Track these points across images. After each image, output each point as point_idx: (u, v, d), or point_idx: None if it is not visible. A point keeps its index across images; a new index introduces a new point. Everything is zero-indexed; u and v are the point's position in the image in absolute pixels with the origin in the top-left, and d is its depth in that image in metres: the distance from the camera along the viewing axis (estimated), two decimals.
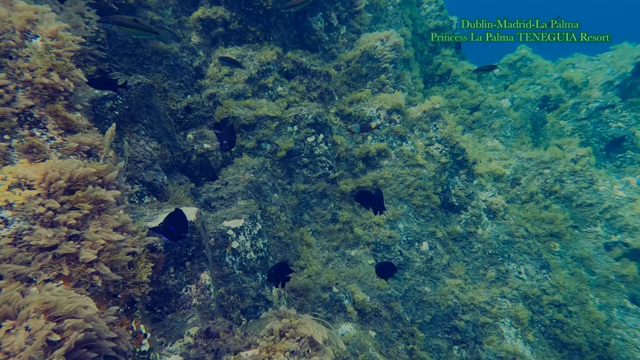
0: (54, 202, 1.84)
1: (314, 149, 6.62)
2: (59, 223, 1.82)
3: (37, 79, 2.20)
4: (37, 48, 2.30)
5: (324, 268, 5.88)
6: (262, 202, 5.60)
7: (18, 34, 2.30)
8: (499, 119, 10.06)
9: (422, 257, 6.83)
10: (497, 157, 9.17)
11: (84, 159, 2.30)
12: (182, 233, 3.14)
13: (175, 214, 3.10)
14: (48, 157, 2.09)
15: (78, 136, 2.33)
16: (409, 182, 7.21)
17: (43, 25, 2.42)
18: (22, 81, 2.18)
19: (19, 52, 2.27)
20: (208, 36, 7.22)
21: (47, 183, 1.85)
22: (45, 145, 2.15)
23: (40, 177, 1.87)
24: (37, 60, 2.25)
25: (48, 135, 2.21)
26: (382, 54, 7.55)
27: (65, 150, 2.21)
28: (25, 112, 2.16)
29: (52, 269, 1.72)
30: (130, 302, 2.02)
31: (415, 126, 7.71)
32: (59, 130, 2.26)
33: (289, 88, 7.12)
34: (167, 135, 5.22)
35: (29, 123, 2.17)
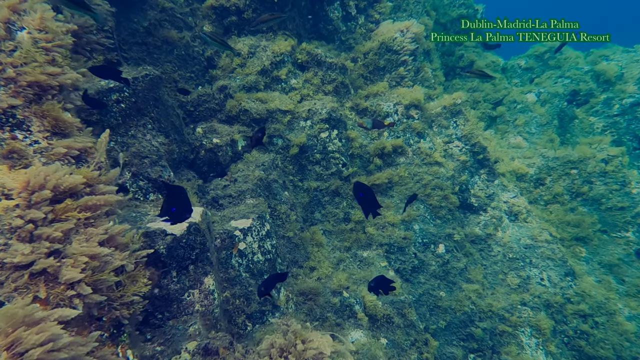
0: (35, 212, 1.67)
1: (327, 145, 6.35)
2: (40, 237, 1.65)
3: (22, 76, 2.02)
4: (23, 42, 2.11)
5: (335, 270, 5.66)
6: (272, 200, 5.40)
7: (1, 26, 2.11)
8: (523, 114, 9.54)
9: (437, 260, 6.53)
10: (520, 155, 8.70)
11: (71, 164, 2.11)
12: (187, 214, 2.57)
13: (173, 194, 2.52)
14: (30, 164, 1.91)
15: (66, 140, 2.14)
16: (426, 181, 6.87)
17: (30, 16, 2.22)
18: (4, 78, 2.00)
19: (2, 46, 2.09)
20: (221, 25, 6.97)
21: (28, 193, 1.67)
22: (27, 149, 1.97)
23: (21, 185, 1.70)
24: (21, 55, 2.06)
25: (32, 139, 2.03)
26: (401, 46, 7.16)
27: (51, 155, 2.03)
28: (7, 112, 1.99)
29: (27, 291, 1.55)
30: (117, 325, 1.85)
31: (434, 122, 7.33)
32: (45, 133, 2.08)
33: (303, 80, 6.84)
34: (174, 130, 5.05)
35: (11, 125, 1.99)
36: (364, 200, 3.39)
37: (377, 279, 3.55)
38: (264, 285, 3.53)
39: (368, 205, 3.34)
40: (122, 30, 5.87)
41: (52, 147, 2.05)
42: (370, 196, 3.38)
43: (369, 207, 3.32)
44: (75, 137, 2.19)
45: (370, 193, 3.41)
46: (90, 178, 1.97)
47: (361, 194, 3.47)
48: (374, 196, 3.40)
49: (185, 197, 2.57)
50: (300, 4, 7.16)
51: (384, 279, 3.53)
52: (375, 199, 3.33)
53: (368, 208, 3.33)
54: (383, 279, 3.52)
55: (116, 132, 4.28)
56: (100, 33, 4.86)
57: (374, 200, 3.34)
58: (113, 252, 1.85)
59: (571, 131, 9.67)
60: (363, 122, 5.85)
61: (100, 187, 2.01)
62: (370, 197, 3.37)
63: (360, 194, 3.49)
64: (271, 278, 3.59)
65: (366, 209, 3.36)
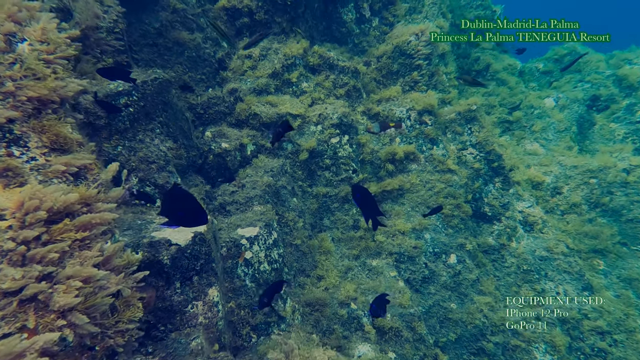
0: (28, 233, 1.59)
1: (337, 150, 6.23)
2: (33, 260, 1.57)
3: (21, 90, 1.95)
4: (23, 54, 2.04)
5: (343, 280, 5.54)
6: (280, 207, 5.30)
7: (2, 37, 2.05)
8: (540, 120, 9.24)
9: (449, 270, 6.35)
10: (537, 163, 8.43)
11: (70, 182, 2.04)
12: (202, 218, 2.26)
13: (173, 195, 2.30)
14: (26, 182, 1.84)
15: (64, 157, 2.06)
16: (439, 189, 6.69)
17: (32, 27, 2.15)
18: (2, 92, 1.93)
19: (1, 58, 2.02)
20: (233, 26, 6.89)
21: (22, 213, 1.60)
22: (24, 167, 1.89)
23: (15, 206, 1.63)
24: (21, 68, 1.99)
25: (29, 155, 1.96)
26: (415, 50, 6.98)
27: (48, 173, 1.95)
28: (4, 127, 1.92)
29: (15, 319, 1.48)
30: (111, 355, 1.77)
31: (448, 128, 7.13)
32: (43, 149, 2.00)
33: (315, 84, 6.72)
34: (183, 134, 4.99)
35: (8, 141, 1.92)
36: (363, 204, 3.21)
37: (377, 300, 3.36)
38: (266, 297, 3.42)
39: (369, 211, 3.14)
40: (134, 32, 5.83)
41: (49, 164, 1.97)
42: (371, 201, 3.19)
43: (370, 213, 3.12)
44: (75, 153, 2.11)
45: (369, 197, 3.23)
46: (88, 197, 1.89)
47: (358, 195, 3.26)
48: (374, 201, 3.21)
49: (189, 198, 2.28)
50: (313, 6, 7.04)
51: (382, 298, 3.34)
52: (376, 205, 3.14)
53: (369, 214, 3.13)
54: (382, 300, 3.34)
55: (124, 137, 4.23)
56: (110, 35, 4.82)
57: (375, 206, 3.15)
58: (108, 276, 1.77)
59: (590, 138, 9.34)
60: (372, 127, 5.71)
61: (98, 205, 1.93)
62: (371, 203, 3.18)
63: (357, 195, 3.28)
64: (271, 288, 3.48)
65: (367, 214, 3.16)
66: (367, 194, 3.26)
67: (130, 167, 4.13)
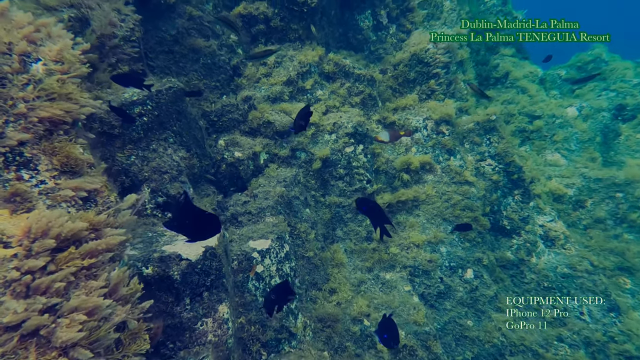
0: (33, 262, 1.52)
1: (351, 160, 6.10)
2: (37, 291, 1.50)
3: (33, 111, 1.89)
4: (37, 74, 1.99)
5: (355, 294, 5.39)
6: (292, 218, 5.20)
7: (16, 58, 2.00)
8: (562, 129, 8.92)
9: (465, 286, 6.13)
10: (558, 174, 8.12)
11: (79, 207, 1.97)
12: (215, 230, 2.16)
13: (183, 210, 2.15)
14: (34, 207, 1.78)
15: (74, 181, 1.99)
16: (455, 201, 6.49)
17: (47, 46, 2.10)
18: (14, 114, 1.88)
19: (15, 79, 1.97)
20: (248, 33, 6.85)
21: (29, 241, 1.53)
22: (32, 191, 1.83)
23: (21, 233, 1.56)
24: (34, 89, 1.93)
25: (38, 179, 1.90)
26: (433, 58, 6.80)
27: (57, 197, 1.89)
28: (15, 150, 1.86)
29: (15, 357, 1.41)
30: None
31: (465, 139, 6.92)
32: (53, 172, 1.94)
33: (329, 92, 6.62)
34: (196, 143, 4.94)
35: (17, 164, 1.86)
36: (371, 214, 3.16)
37: (385, 325, 3.11)
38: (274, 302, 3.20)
39: (378, 220, 3.07)
40: (150, 39, 5.84)
41: (59, 187, 1.91)
42: (378, 211, 3.12)
43: (379, 221, 3.05)
44: (85, 176, 2.04)
45: (377, 207, 3.16)
46: (97, 223, 1.81)
47: (365, 208, 3.17)
48: (382, 210, 3.12)
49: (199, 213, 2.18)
50: (329, 13, 6.95)
51: (390, 323, 3.14)
52: (384, 214, 3.06)
53: (377, 222, 3.06)
54: (390, 325, 3.13)
55: (137, 146, 4.19)
56: (127, 43, 4.81)
57: (383, 215, 3.08)
58: (114, 306, 1.69)
59: (616, 149, 8.96)
60: (379, 136, 5.54)
61: (106, 231, 1.86)
62: (378, 212, 3.12)
63: (364, 208, 3.19)
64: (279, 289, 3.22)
65: (375, 222, 3.09)
66: (374, 204, 3.21)
67: (143, 177, 4.09)
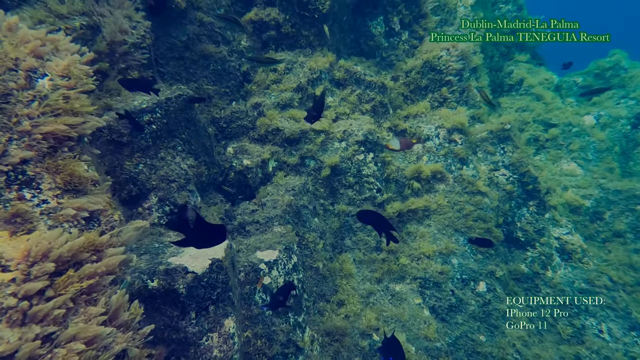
0: (30, 286, 1.46)
1: (361, 168, 5.99)
2: (34, 319, 1.43)
3: (37, 128, 1.84)
4: (43, 90, 1.94)
5: (364, 306, 5.27)
6: (301, 228, 5.11)
7: (22, 74, 1.96)
8: (579, 138, 8.68)
9: (478, 299, 5.96)
10: (574, 185, 7.89)
11: (82, 227, 1.90)
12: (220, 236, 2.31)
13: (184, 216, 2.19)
14: (35, 228, 1.72)
15: (77, 200, 1.93)
16: (468, 212, 6.33)
17: (54, 61, 2.05)
18: (18, 131, 1.83)
19: (21, 95, 1.93)
20: (259, 39, 6.82)
21: (27, 265, 1.47)
22: (34, 211, 1.78)
23: (21, 255, 1.50)
24: (40, 105, 1.88)
25: (40, 198, 1.84)
26: (446, 65, 6.68)
27: (59, 217, 1.83)
28: (17, 168, 1.81)
29: None
30: None
31: (479, 148, 6.77)
32: (56, 191, 1.88)
33: (340, 99, 6.54)
34: (204, 151, 4.90)
35: (20, 183, 1.81)
36: (374, 222, 3.22)
37: (390, 345, 3.00)
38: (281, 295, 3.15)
39: (381, 226, 3.13)
40: (161, 45, 5.83)
41: (61, 207, 1.85)
42: (380, 218, 3.18)
43: (383, 227, 3.10)
44: (89, 195, 1.98)
45: (378, 215, 3.23)
46: (99, 244, 1.75)
47: (366, 219, 3.21)
48: (384, 218, 3.15)
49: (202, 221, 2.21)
50: (341, 19, 6.88)
51: (395, 342, 3.02)
52: (387, 221, 3.11)
53: (381, 229, 3.11)
54: (395, 344, 3.02)
55: (145, 154, 4.16)
56: (137, 50, 4.80)
57: (386, 222, 3.12)
58: (115, 334, 1.62)
59: (635, 159, 8.68)
60: (389, 144, 5.44)
61: (108, 252, 1.79)
62: (380, 219, 3.18)
63: (365, 219, 3.22)
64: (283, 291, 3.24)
65: (379, 229, 3.14)
66: (375, 213, 3.28)
67: (150, 186, 4.05)
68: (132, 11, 4.95)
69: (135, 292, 2.98)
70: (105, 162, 3.94)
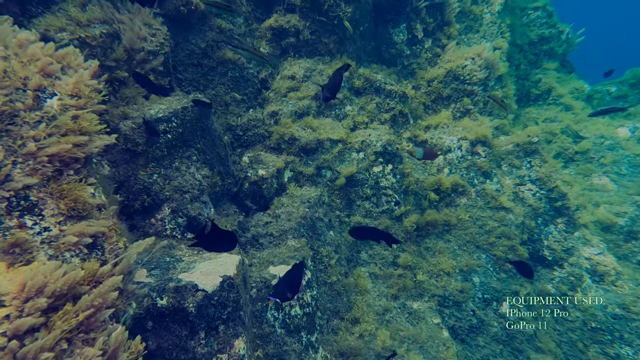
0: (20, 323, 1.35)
1: (379, 180, 5.80)
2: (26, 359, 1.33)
3: (42, 150, 1.76)
4: (51, 111, 1.87)
5: (379, 324, 5.05)
6: (315, 241, 4.95)
7: (30, 94, 1.88)
8: (612, 152, 8.21)
9: (500, 321, 5.64)
10: (607, 201, 7.43)
11: (84, 256, 1.80)
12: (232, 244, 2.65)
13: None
14: (34, 259, 1.62)
15: (78, 225, 1.83)
16: (490, 228, 6.03)
17: (64, 79, 1.98)
18: (23, 154, 1.75)
19: (28, 117, 1.85)
20: (278, 46, 6.74)
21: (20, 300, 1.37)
22: (34, 240, 1.68)
23: (16, 289, 1.41)
24: (46, 127, 1.80)
25: (42, 226, 1.74)
26: (471, 75, 6.41)
27: (61, 245, 1.73)
28: (20, 194, 1.73)
29: None
30: None
31: (503, 161, 6.46)
32: (59, 217, 1.79)
33: (358, 107, 6.37)
34: (219, 161, 4.82)
35: (22, 209, 1.72)
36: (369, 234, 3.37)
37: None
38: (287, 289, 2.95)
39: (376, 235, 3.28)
40: (180, 52, 5.82)
41: (63, 234, 1.76)
42: (372, 229, 3.44)
43: (378, 235, 3.23)
44: (90, 220, 1.88)
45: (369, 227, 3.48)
46: (100, 274, 1.64)
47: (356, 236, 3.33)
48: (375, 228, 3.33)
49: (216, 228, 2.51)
50: (362, 25, 6.73)
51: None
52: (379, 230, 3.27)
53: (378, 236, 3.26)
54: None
55: (160, 164, 4.10)
56: (155, 58, 4.78)
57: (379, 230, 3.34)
58: None
59: None
60: (414, 151, 5.24)
61: (107, 283, 1.68)
62: (372, 229, 3.44)
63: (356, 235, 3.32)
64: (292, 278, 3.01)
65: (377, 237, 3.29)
66: (367, 227, 3.66)
67: (164, 197, 3.99)
68: (151, 18, 4.94)
69: (144, 310, 2.88)
70: (120, 171, 3.89)
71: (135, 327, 2.78)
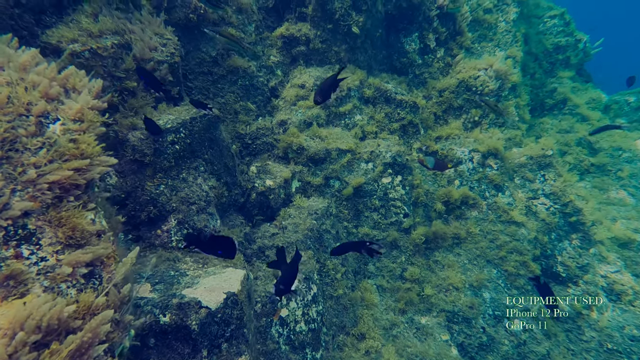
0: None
1: (388, 191, 5.71)
2: None
3: (43, 177, 1.73)
4: (53, 136, 1.85)
5: (386, 339, 4.95)
6: (322, 254, 4.89)
7: (33, 119, 1.86)
8: (630, 164, 7.96)
9: (512, 339, 5.49)
10: (624, 216, 7.20)
11: (80, 287, 1.76)
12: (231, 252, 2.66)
13: None
14: (28, 291, 1.59)
15: (73, 254, 1.80)
16: (501, 242, 5.88)
17: (68, 103, 1.96)
18: (22, 182, 1.73)
19: (29, 143, 1.83)
20: (289, 54, 6.72)
21: (9, 337, 1.33)
22: (30, 272, 1.65)
23: (8, 324, 1.38)
24: (47, 152, 1.78)
25: (39, 255, 1.71)
26: (483, 86, 6.29)
27: (57, 276, 1.69)
28: (17, 222, 1.70)
29: None
30: None
31: (516, 173, 6.30)
32: (56, 246, 1.75)
33: (368, 117, 6.30)
34: (227, 172, 4.79)
35: (19, 238, 1.69)
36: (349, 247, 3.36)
37: None
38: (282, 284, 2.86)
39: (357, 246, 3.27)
40: (190, 60, 5.84)
41: (60, 264, 1.73)
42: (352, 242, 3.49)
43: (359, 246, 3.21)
44: (86, 247, 1.85)
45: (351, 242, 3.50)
46: (95, 307, 1.60)
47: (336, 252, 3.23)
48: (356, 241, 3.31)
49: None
50: (374, 35, 6.67)
51: None
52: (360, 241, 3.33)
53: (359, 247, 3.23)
54: None
55: (167, 175, 4.09)
56: (165, 68, 4.79)
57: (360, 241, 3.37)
58: None
59: None
60: (425, 160, 5.15)
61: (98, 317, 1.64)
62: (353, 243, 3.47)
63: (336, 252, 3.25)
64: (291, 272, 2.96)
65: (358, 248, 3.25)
66: (346, 243, 3.71)
67: (170, 208, 3.97)
68: (162, 27, 4.96)
69: (146, 327, 2.85)
70: (127, 181, 3.90)
71: (137, 347, 2.75)
